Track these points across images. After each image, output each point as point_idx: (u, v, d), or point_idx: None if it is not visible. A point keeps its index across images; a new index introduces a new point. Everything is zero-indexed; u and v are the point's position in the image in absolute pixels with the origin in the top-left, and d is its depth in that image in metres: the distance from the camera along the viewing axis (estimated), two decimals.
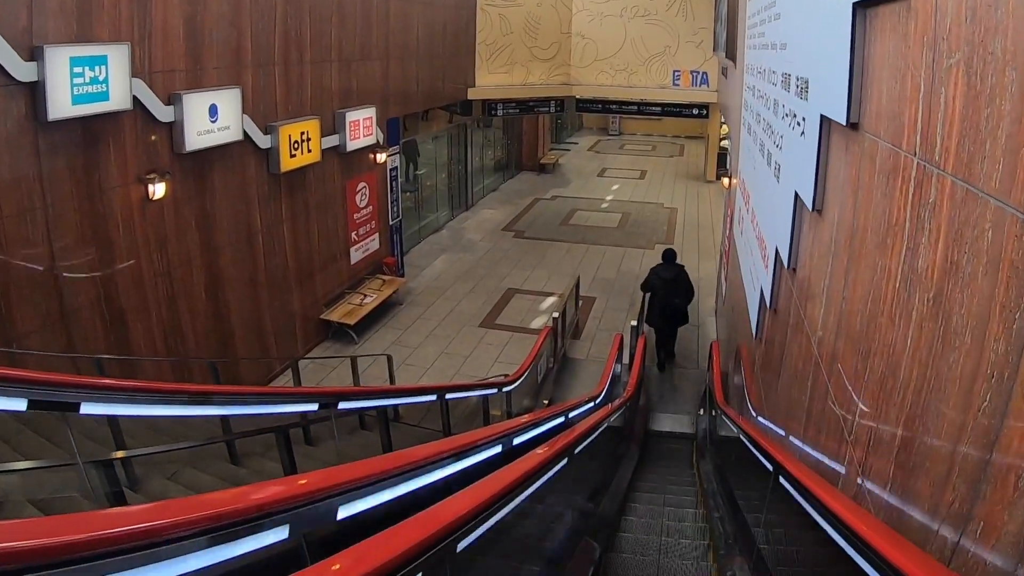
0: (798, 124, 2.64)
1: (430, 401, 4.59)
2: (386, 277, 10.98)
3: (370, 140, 9.83)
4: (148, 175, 6.11)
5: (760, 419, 3.94)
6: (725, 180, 9.18)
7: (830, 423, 1.91)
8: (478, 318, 10.56)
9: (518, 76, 14.19)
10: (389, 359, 7.50)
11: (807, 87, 2.46)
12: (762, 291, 4.26)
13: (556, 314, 8.85)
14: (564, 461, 2.46)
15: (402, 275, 11.68)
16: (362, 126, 9.50)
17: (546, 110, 15.29)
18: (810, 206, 2.32)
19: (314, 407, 3.55)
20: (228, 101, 6.84)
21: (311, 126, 8.27)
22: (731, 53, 7.95)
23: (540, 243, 14.13)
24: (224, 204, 7.23)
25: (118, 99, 5.56)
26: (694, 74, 13.14)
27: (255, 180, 7.67)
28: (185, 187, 6.68)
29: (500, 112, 15.02)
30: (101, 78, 5.36)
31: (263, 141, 7.59)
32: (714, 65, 12.69)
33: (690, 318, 8.86)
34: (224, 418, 3.85)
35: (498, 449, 2.72)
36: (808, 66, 2.50)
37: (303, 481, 1.65)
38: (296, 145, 8.02)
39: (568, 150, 25.30)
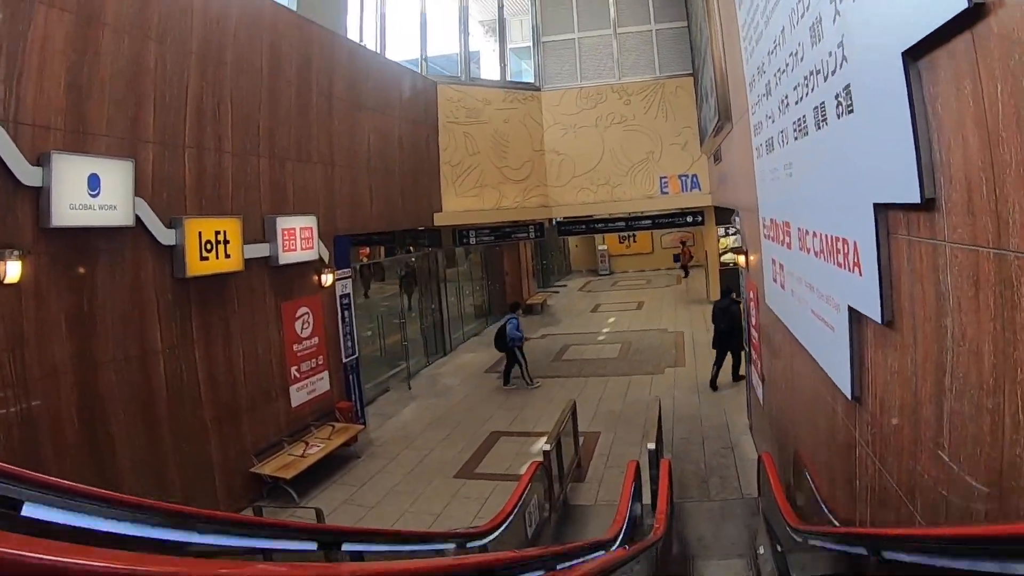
0: None
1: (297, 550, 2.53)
2: (338, 424, 9.35)
3: (310, 255, 8.74)
4: (1, 248, 4.93)
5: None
6: (741, 259, 8.07)
7: None
8: (454, 467, 8.85)
9: (490, 200, 13.65)
10: (318, 512, 5.74)
11: None
12: (849, 312, 2.91)
13: (548, 447, 7.18)
14: None
15: (362, 423, 10.04)
16: (299, 237, 8.48)
17: (525, 235, 14.63)
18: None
19: None
20: (115, 174, 5.79)
21: (230, 226, 7.19)
22: (725, 111, 7.24)
23: None
24: (109, 306, 5.92)
25: None
26: (683, 178, 12.62)
27: (154, 282, 6.41)
28: (54, 274, 5.43)
29: (473, 240, 14.35)
30: None
31: (165, 236, 6.45)
32: (703, 166, 12.23)
33: (738, 374, 10.83)
34: None
35: None
36: None
37: None
38: (209, 246, 6.88)
39: (557, 292, 24.68)
